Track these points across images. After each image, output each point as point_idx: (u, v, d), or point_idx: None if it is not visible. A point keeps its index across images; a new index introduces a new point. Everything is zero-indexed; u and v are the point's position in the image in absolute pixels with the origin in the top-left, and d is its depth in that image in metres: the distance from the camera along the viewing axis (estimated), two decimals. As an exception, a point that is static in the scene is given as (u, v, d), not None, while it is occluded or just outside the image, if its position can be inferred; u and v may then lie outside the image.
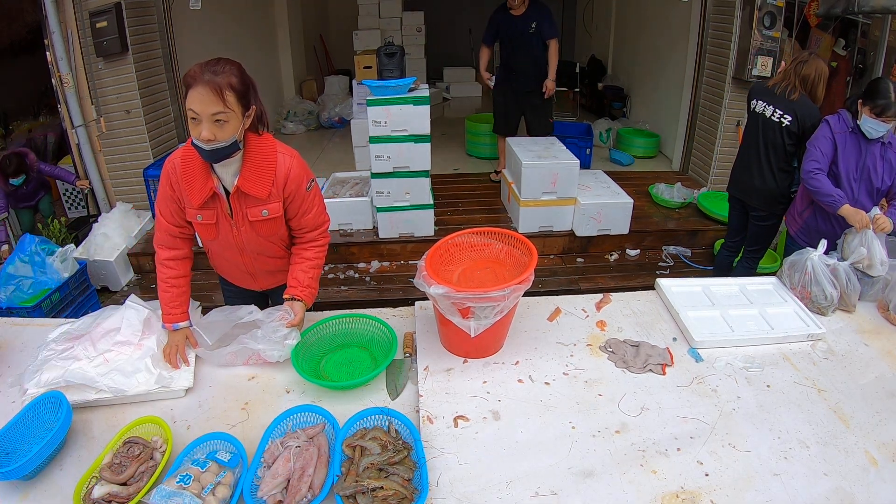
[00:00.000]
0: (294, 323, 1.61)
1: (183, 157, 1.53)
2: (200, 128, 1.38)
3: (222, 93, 1.36)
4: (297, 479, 1.19)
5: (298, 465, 1.22)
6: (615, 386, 1.54)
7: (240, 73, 1.42)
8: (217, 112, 1.37)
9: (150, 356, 1.55)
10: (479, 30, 9.53)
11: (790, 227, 2.69)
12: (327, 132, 6.66)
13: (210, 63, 1.39)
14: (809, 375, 1.59)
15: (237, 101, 1.40)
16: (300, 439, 1.29)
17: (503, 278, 1.63)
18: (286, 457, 1.23)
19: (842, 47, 4.82)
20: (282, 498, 1.17)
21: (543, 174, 3.72)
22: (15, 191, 3.80)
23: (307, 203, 1.65)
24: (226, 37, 5.49)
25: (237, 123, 1.42)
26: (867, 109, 2.25)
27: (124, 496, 1.18)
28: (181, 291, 1.64)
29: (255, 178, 1.53)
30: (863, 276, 1.88)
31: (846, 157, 2.35)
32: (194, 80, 1.36)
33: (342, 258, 3.86)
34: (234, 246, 1.68)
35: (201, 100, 1.35)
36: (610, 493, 1.22)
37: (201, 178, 1.52)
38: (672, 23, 5.34)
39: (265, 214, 1.60)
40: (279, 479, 1.19)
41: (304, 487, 1.17)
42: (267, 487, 1.17)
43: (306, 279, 1.70)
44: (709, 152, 4.65)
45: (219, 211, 1.59)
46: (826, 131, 2.40)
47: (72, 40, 3.66)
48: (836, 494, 1.22)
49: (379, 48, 4.51)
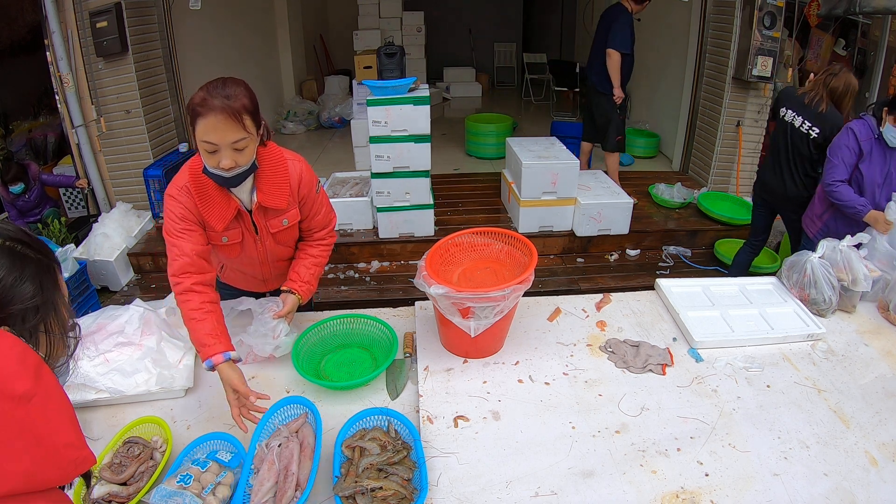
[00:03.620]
0: (281, 314, 1.59)
1: (193, 185, 1.43)
2: (219, 157, 1.30)
3: (240, 118, 1.28)
4: (282, 479, 1.18)
5: (282, 465, 1.20)
6: (615, 386, 1.54)
7: (249, 93, 1.34)
8: (238, 139, 1.30)
9: (151, 356, 1.55)
10: (479, 30, 9.64)
11: (808, 230, 2.69)
12: (327, 132, 6.66)
13: (216, 86, 1.29)
14: (809, 375, 1.59)
15: (253, 122, 1.33)
16: (282, 435, 1.28)
17: (503, 278, 1.63)
18: (270, 460, 1.20)
19: (842, 47, 4.82)
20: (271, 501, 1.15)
21: (543, 174, 3.72)
22: (16, 200, 3.80)
23: (317, 205, 1.66)
24: (226, 37, 5.49)
25: (254, 145, 1.38)
26: (892, 118, 2.25)
27: (124, 496, 1.18)
28: (219, 318, 1.42)
29: (273, 190, 1.49)
30: (845, 291, 1.88)
31: (871, 165, 2.34)
32: (205, 108, 1.25)
33: (342, 258, 3.86)
34: (256, 259, 1.66)
35: (218, 128, 1.27)
36: (610, 493, 1.22)
37: (221, 202, 1.45)
38: (672, 23, 5.34)
39: (286, 224, 1.59)
40: (267, 486, 1.16)
41: (290, 488, 1.16)
42: (257, 498, 1.14)
43: (307, 275, 1.69)
44: (709, 152, 4.65)
45: (243, 229, 1.55)
46: (849, 140, 2.38)
47: (72, 40, 3.66)
48: (836, 494, 1.22)
49: (379, 48, 4.52)
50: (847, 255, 1.87)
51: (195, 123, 1.28)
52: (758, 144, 4.51)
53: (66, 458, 0.66)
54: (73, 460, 0.67)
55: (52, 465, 0.64)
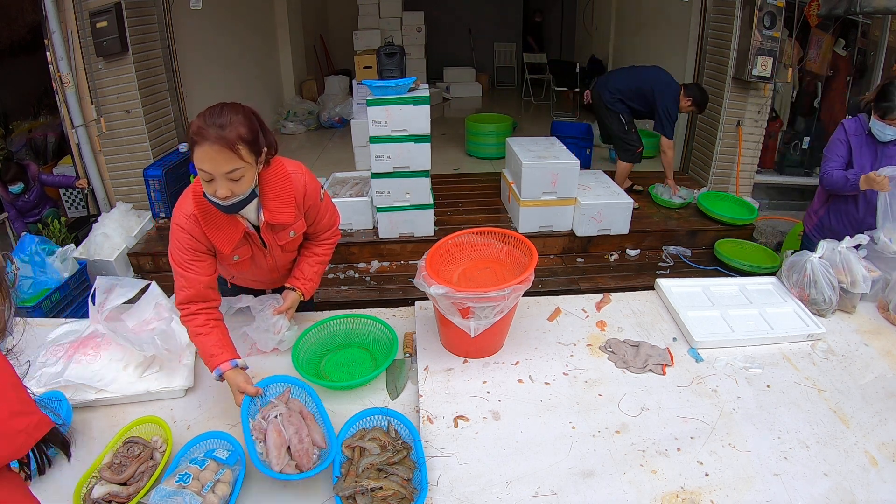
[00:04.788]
0: (282, 309, 1.61)
1: (199, 211, 1.41)
2: (215, 186, 1.29)
3: (235, 148, 1.26)
4: (297, 442, 1.24)
5: (292, 430, 1.27)
6: (615, 386, 1.54)
7: (247, 121, 1.30)
8: (232, 170, 1.28)
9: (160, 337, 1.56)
10: (479, 30, 9.64)
11: (806, 225, 2.71)
12: (327, 132, 6.66)
13: (213, 114, 1.27)
14: (809, 375, 1.59)
15: (250, 151, 1.30)
16: (278, 408, 1.32)
17: (503, 278, 1.63)
18: (276, 429, 1.27)
19: (842, 47, 4.82)
20: (301, 462, 1.22)
21: (543, 174, 3.72)
22: (16, 200, 3.80)
23: (322, 210, 1.67)
24: (226, 37, 5.49)
25: (253, 173, 1.35)
26: (877, 114, 2.26)
27: (124, 496, 1.18)
28: (224, 331, 1.46)
29: (279, 207, 1.48)
30: (844, 293, 1.88)
31: (861, 160, 2.37)
32: (200, 137, 1.24)
33: (342, 258, 3.86)
34: (266, 269, 1.67)
35: (212, 158, 1.25)
36: (610, 493, 1.22)
37: (228, 225, 1.45)
38: (672, 23, 5.34)
39: (293, 235, 1.60)
40: (284, 449, 1.24)
41: (310, 448, 1.25)
42: (276, 459, 1.21)
43: (310, 273, 1.72)
44: (709, 152, 4.65)
45: (253, 246, 1.56)
46: (840, 134, 2.42)
47: (72, 40, 3.66)
48: (836, 494, 1.22)
49: (379, 48, 4.52)
50: (846, 257, 1.87)
51: (192, 151, 1.27)
52: (758, 144, 4.51)
53: (14, 428, 0.62)
54: (24, 429, 0.62)
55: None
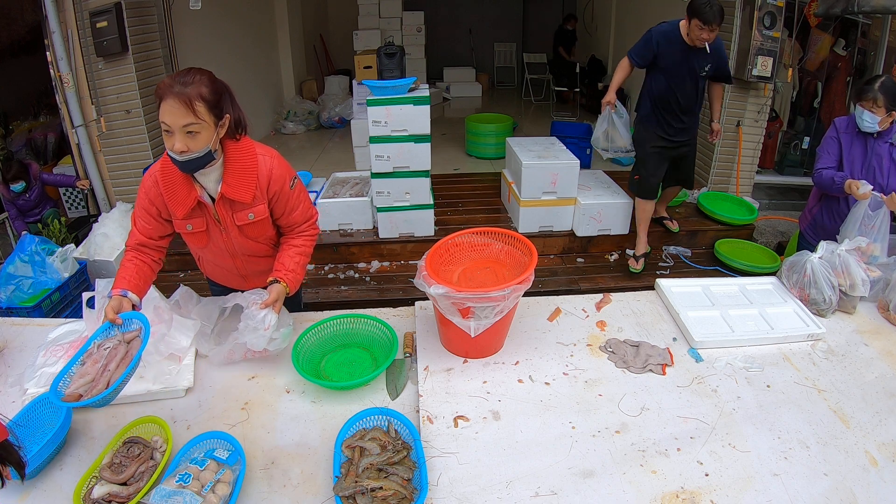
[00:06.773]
0: (268, 303, 1.58)
1: (162, 169, 1.53)
2: (173, 139, 1.39)
3: (192, 104, 1.36)
4: (99, 374, 1.30)
5: (104, 363, 1.31)
6: (615, 386, 1.54)
7: (210, 83, 1.41)
8: (188, 123, 1.37)
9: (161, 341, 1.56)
10: (479, 30, 9.64)
11: (801, 224, 2.73)
12: (327, 132, 6.66)
13: (180, 74, 1.40)
14: (809, 375, 1.59)
15: (208, 111, 1.40)
16: (115, 339, 1.38)
17: (503, 278, 1.63)
18: (95, 358, 1.33)
19: (842, 47, 4.82)
20: (83, 393, 1.26)
21: (543, 174, 3.72)
22: (17, 199, 3.80)
23: (293, 201, 1.66)
24: (226, 37, 5.49)
25: (210, 133, 1.43)
26: (862, 103, 2.29)
27: (124, 496, 1.18)
28: (139, 270, 1.57)
29: (238, 183, 1.54)
30: (844, 296, 1.88)
31: (851, 156, 2.40)
32: (165, 92, 1.36)
33: (342, 258, 3.86)
34: (226, 251, 1.70)
35: (171, 112, 1.36)
36: (610, 493, 1.22)
37: (184, 189, 1.53)
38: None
39: (251, 218, 1.61)
40: (87, 378, 1.28)
41: (102, 383, 1.27)
42: (74, 385, 1.26)
43: (291, 264, 1.68)
44: (709, 152, 4.65)
45: (207, 218, 1.60)
46: (832, 132, 2.45)
47: (72, 40, 3.66)
48: (836, 494, 1.22)
49: (379, 48, 4.52)
50: (845, 260, 1.87)
51: (158, 106, 1.38)
52: (758, 144, 4.50)
53: None
54: None
55: None
